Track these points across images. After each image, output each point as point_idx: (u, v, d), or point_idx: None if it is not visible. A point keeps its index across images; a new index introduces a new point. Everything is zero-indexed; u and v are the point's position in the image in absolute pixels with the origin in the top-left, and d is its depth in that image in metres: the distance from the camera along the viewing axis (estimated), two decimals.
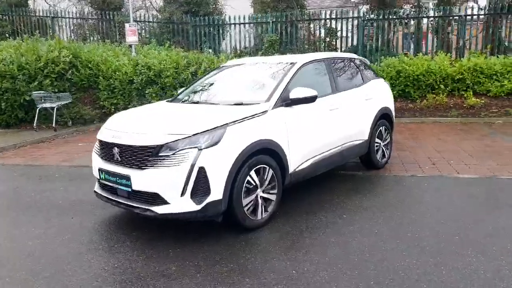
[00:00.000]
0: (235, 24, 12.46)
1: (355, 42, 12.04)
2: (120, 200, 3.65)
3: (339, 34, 11.90)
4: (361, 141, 5.12)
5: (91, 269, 3.12)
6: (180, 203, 3.31)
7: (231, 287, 2.81)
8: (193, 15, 13.18)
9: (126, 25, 11.31)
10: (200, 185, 3.31)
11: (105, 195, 3.84)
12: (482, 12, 11.15)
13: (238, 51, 12.61)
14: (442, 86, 10.25)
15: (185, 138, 3.35)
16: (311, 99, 4.03)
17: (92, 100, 10.97)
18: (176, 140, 3.34)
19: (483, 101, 9.98)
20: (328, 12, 11.70)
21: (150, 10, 13.44)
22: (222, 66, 5.25)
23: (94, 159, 4.00)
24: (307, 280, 2.86)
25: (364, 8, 12.86)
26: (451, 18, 11.52)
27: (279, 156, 3.87)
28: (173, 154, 3.32)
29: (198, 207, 3.31)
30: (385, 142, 5.67)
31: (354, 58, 5.60)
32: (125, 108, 10.95)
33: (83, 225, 4.01)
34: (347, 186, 4.90)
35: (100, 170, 3.75)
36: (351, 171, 5.59)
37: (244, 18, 12.36)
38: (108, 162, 3.71)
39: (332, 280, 2.84)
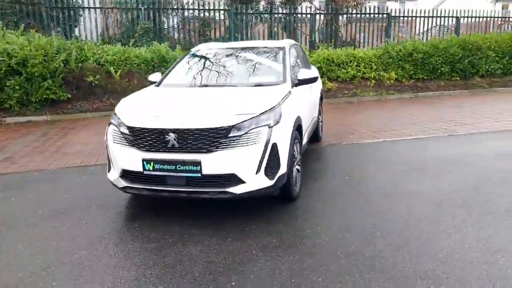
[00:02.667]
0: (101, 8, 11.41)
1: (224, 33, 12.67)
2: (176, 189, 3.44)
3: (212, 24, 12.31)
4: (316, 117, 5.88)
5: (190, 260, 2.96)
6: (255, 181, 3.40)
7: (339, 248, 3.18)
8: None
9: None
10: (273, 161, 3.47)
11: (147, 187, 3.51)
12: (325, 12, 13.32)
13: (106, 38, 11.62)
14: None
15: (254, 117, 3.42)
16: (314, 79, 4.54)
17: None
18: (246, 120, 3.39)
19: (336, 86, 12.07)
20: (201, 3, 11.98)
21: None
22: (197, 51, 5.17)
23: (122, 151, 3.56)
24: (386, 222, 3.45)
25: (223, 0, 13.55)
26: (300, 15, 13.34)
27: (301, 131, 4.27)
28: (245, 133, 3.36)
29: (272, 182, 3.47)
30: (321, 118, 6.59)
31: (301, 45, 6.29)
32: None
33: (111, 227, 3.56)
34: (311, 158, 5.58)
35: (146, 160, 3.39)
36: None
37: (110, 2, 11.42)
38: (157, 150, 3.42)
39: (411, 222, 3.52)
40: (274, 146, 3.45)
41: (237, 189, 3.36)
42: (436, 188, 4.26)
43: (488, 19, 15.26)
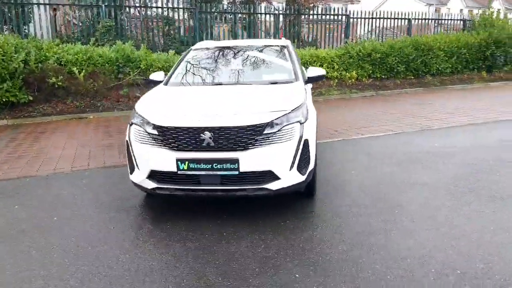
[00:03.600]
0: (58, 5, 10.75)
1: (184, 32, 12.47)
2: (212, 187, 3.40)
3: (176, 23, 12.07)
4: None
5: (243, 257, 2.96)
6: (289, 177, 3.44)
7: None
8: None
9: None
10: (305, 157, 3.54)
11: (181, 187, 3.44)
12: (287, 12, 13.60)
13: (64, 37, 11.00)
14: None
15: (286, 114, 3.48)
16: (323, 77, 4.69)
17: None
18: (280, 117, 3.43)
19: None
20: (165, 1, 11.67)
21: None
22: (198, 49, 5.11)
23: (151, 152, 3.44)
24: (410, 209, 3.68)
25: None
26: (263, 15, 13.51)
27: (316, 128, 4.39)
28: (279, 130, 3.40)
29: (303, 178, 3.55)
30: None
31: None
32: None
33: (142, 230, 3.44)
34: None
35: (181, 160, 3.32)
36: None
37: None
38: (191, 150, 3.36)
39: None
40: (306, 142, 3.54)
41: (273, 185, 3.40)
42: (438, 177, 4.57)
43: (426, 21, 16.29)
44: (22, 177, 4.94)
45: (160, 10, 11.92)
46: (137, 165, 3.59)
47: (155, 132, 3.46)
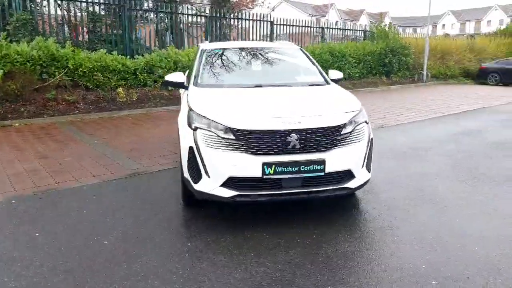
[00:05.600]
0: None
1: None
2: (296, 191, 3.30)
3: (103, 21, 10.97)
4: None
5: (355, 257, 3.00)
6: (362, 175, 3.55)
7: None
8: None
9: None
10: (370, 155, 3.69)
11: (265, 192, 3.27)
12: (211, 15, 13.48)
13: None
14: None
15: (356, 115, 3.58)
16: (341, 79, 4.87)
17: None
18: (353, 117, 3.52)
19: None
20: None
21: None
22: (211, 50, 4.81)
23: (229, 157, 3.19)
24: (442, 199, 4.09)
25: None
26: (193, 16, 13.17)
27: None
28: (353, 130, 3.49)
29: (370, 175, 3.70)
30: None
31: None
32: None
33: (225, 242, 3.17)
34: None
35: (267, 164, 3.15)
36: None
37: None
38: (276, 153, 3.21)
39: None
40: (372, 141, 3.69)
41: (352, 184, 3.47)
42: (439, 168, 5.11)
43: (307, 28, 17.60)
44: (6, 199, 4.07)
45: (84, 4, 10.75)
46: (207, 173, 3.29)
47: (230, 136, 3.23)
